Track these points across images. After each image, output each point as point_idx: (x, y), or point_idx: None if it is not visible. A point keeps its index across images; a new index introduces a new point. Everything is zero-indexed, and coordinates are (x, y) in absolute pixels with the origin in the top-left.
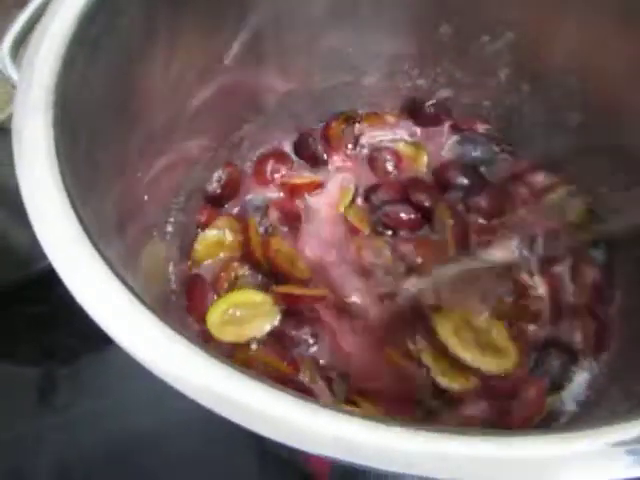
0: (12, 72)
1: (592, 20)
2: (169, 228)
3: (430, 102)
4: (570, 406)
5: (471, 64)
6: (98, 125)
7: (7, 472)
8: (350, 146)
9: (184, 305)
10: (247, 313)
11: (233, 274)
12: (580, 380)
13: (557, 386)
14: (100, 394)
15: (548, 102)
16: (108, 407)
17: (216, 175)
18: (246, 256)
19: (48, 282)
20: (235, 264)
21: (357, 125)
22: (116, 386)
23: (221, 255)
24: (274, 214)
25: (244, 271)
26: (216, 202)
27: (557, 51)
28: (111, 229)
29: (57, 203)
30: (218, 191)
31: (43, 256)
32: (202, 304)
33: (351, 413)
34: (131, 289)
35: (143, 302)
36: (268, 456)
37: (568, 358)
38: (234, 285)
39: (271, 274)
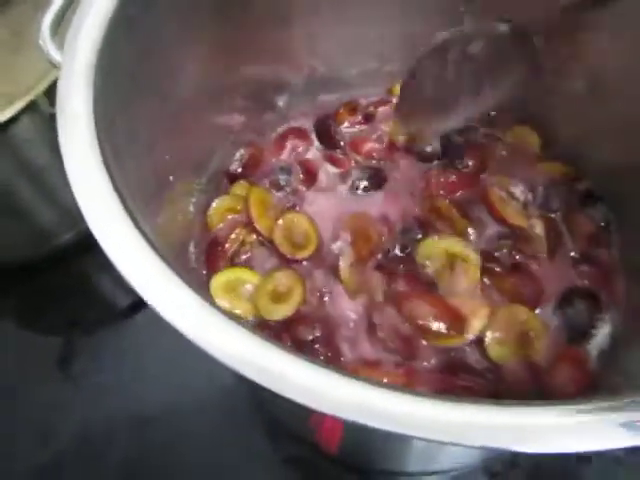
0: (51, 49)
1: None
2: (191, 208)
3: None
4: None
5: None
6: (131, 103)
7: (30, 437)
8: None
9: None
10: (244, 290)
11: (241, 237)
12: (604, 330)
13: (583, 335)
14: (119, 365)
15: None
16: (126, 378)
17: (238, 154)
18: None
19: (71, 255)
20: (243, 230)
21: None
22: (135, 357)
23: (229, 217)
24: (298, 172)
25: (251, 238)
26: (237, 180)
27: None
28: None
29: (97, 176)
30: (239, 170)
31: (66, 231)
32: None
33: (373, 381)
34: (166, 260)
35: (176, 271)
36: (279, 431)
37: (592, 302)
38: (241, 250)
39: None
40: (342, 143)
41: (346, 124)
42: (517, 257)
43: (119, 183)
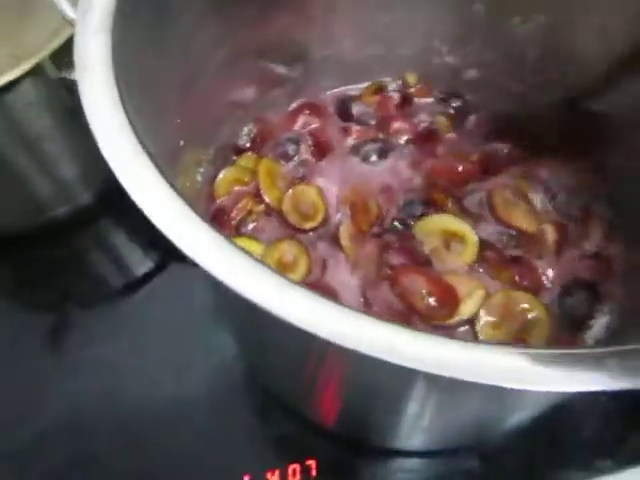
0: (65, 5)
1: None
2: (199, 178)
3: None
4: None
5: (501, 45)
6: (148, 58)
7: (16, 409)
8: None
9: None
10: None
11: (248, 206)
12: (602, 320)
13: (580, 324)
14: (113, 340)
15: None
16: (120, 353)
17: (246, 129)
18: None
19: (66, 230)
20: (250, 200)
21: None
22: (130, 333)
23: (236, 189)
24: (307, 142)
25: (258, 208)
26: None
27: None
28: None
29: (117, 123)
30: (247, 144)
31: (62, 204)
32: None
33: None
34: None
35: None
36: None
37: (592, 294)
38: (247, 220)
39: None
40: (364, 119)
41: (371, 102)
42: (519, 252)
43: (143, 140)
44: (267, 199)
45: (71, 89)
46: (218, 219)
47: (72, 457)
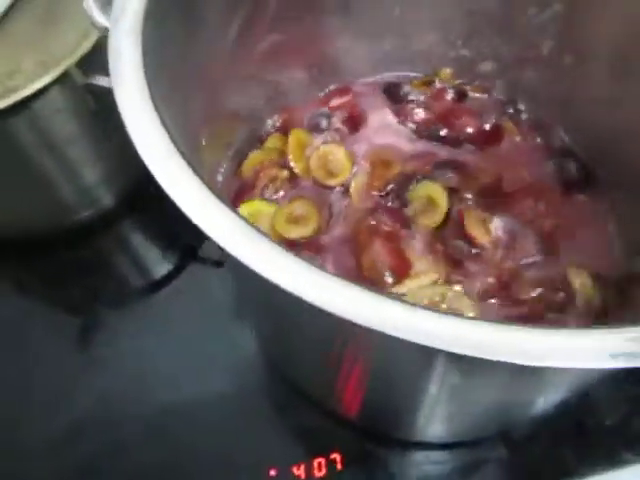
0: (96, 12)
1: None
2: (220, 178)
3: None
4: None
5: (516, 37)
6: (175, 61)
7: (46, 405)
8: None
9: None
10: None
11: (273, 172)
12: None
13: None
14: (139, 339)
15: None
16: (146, 351)
17: (270, 121)
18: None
19: (90, 230)
20: (275, 168)
21: None
22: (155, 332)
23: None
24: (339, 116)
25: (283, 175)
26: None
27: (604, 24)
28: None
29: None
30: (273, 131)
31: (85, 208)
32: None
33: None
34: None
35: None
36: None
37: None
38: (270, 186)
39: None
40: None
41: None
42: None
43: (174, 138)
44: (295, 168)
45: (97, 94)
46: (242, 192)
47: (102, 447)
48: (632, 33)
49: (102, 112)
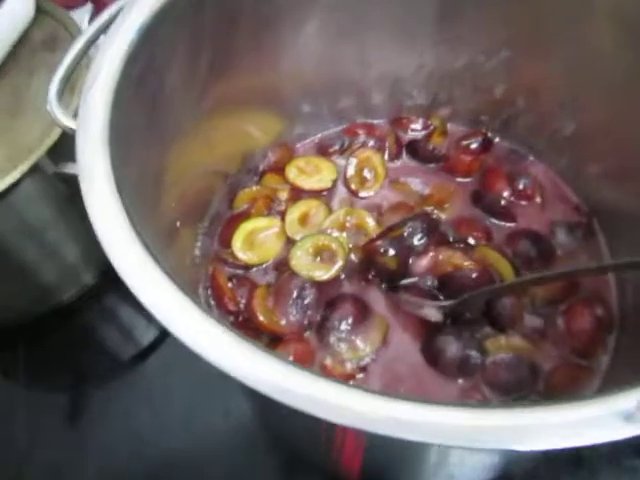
0: (59, 114)
1: (587, 31)
2: (197, 252)
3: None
4: None
5: (469, 82)
6: (142, 155)
7: None
8: None
9: None
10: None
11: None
12: None
13: None
14: (131, 413)
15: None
16: (139, 426)
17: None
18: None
19: (75, 310)
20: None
21: None
22: (147, 404)
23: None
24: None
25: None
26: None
27: (552, 66)
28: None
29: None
30: (266, 168)
31: (69, 286)
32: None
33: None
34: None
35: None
36: (297, 465)
37: None
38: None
39: None
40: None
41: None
42: None
43: (141, 232)
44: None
45: (67, 180)
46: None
47: None
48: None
49: (75, 195)
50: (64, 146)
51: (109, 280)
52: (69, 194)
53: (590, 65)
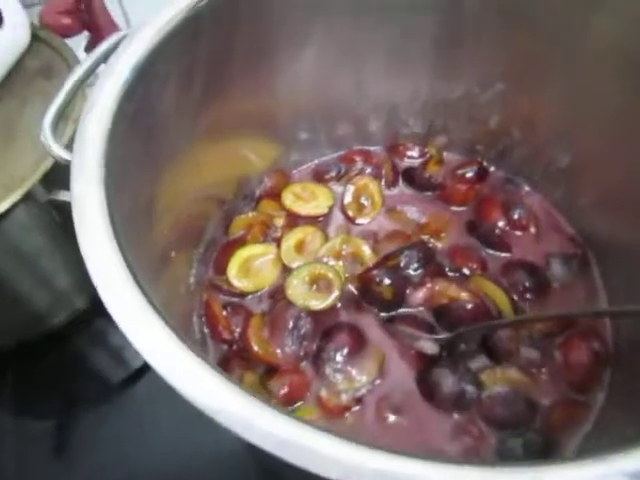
0: (54, 146)
1: (583, 64)
2: (191, 280)
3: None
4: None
5: (464, 112)
6: (136, 183)
7: None
8: None
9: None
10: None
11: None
12: None
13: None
14: (121, 439)
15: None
16: (129, 452)
17: (261, 185)
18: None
19: (65, 335)
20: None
21: None
22: (136, 430)
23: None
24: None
25: (280, 222)
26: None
27: (547, 98)
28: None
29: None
30: (262, 194)
31: (60, 311)
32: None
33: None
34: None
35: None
36: None
37: None
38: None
39: None
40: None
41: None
42: None
43: (131, 262)
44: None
45: (60, 208)
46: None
47: None
48: (571, 106)
49: (68, 222)
50: (57, 174)
51: (101, 304)
52: (62, 221)
53: (585, 97)
